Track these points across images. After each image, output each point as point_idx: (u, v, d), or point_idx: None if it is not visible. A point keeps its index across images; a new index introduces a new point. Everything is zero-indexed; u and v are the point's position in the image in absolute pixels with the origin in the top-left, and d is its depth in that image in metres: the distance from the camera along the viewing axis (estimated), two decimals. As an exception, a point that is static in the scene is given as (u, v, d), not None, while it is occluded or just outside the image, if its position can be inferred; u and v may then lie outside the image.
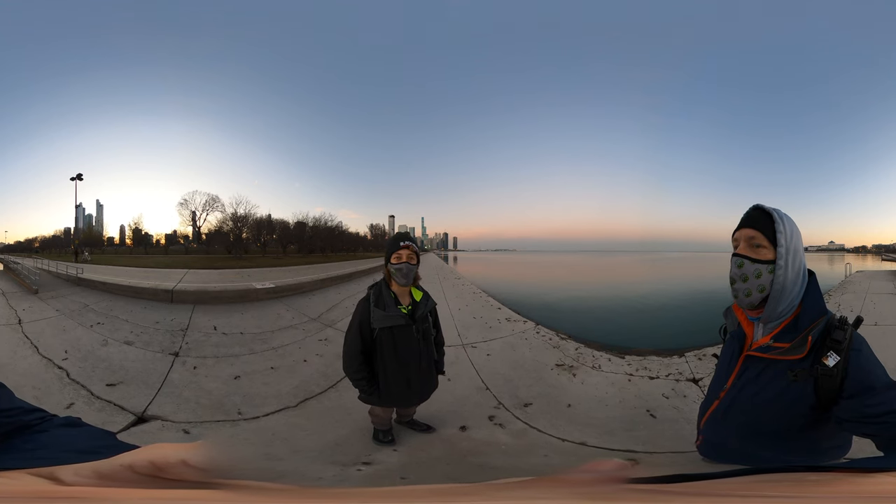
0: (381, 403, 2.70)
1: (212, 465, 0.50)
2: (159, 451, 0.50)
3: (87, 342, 5.32)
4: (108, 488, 0.45)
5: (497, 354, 5.13)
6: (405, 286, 2.60)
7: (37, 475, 0.47)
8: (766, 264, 1.26)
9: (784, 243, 1.25)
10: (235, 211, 43.30)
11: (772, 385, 1.25)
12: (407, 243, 2.54)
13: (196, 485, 0.47)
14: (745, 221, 1.33)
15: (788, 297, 1.26)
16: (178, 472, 0.48)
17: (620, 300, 15.58)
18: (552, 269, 40.73)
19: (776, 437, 1.25)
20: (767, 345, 1.27)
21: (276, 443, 2.97)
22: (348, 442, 2.90)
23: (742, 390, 1.33)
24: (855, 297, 9.72)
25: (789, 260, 1.24)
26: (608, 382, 4.17)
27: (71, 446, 0.63)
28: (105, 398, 3.57)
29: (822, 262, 47.72)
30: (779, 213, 1.28)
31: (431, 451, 2.78)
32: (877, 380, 1.11)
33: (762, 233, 1.27)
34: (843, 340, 1.15)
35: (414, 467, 2.56)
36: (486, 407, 3.55)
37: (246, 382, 4.11)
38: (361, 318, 2.55)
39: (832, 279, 16.64)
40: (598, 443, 2.93)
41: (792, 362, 1.21)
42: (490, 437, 3.06)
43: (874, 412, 1.06)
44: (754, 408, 1.28)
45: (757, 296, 1.28)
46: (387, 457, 2.67)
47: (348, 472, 2.42)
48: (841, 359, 1.13)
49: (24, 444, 0.65)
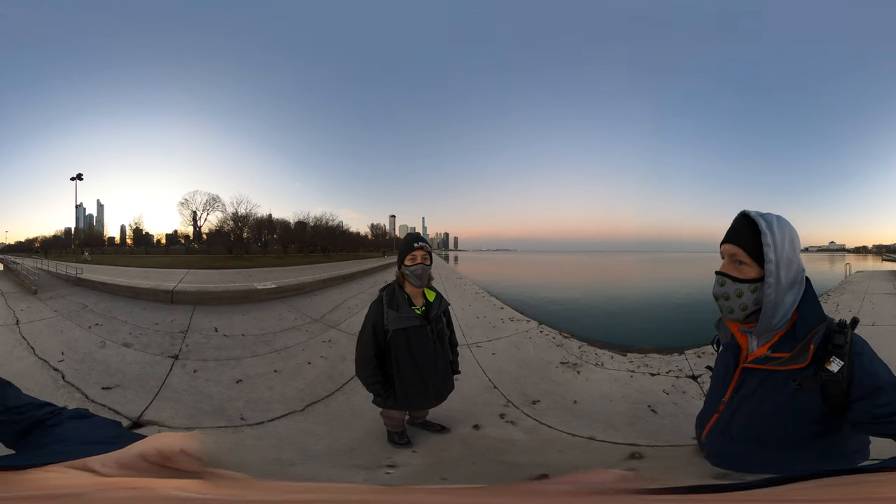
0: (397, 407, 2.65)
1: (207, 454, 0.53)
2: (164, 441, 0.54)
3: (85, 344, 5.21)
4: (136, 478, 0.48)
5: (502, 353, 5.16)
6: (420, 287, 2.56)
7: (71, 468, 0.49)
8: (747, 283, 1.22)
9: (773, 257, 1.18)
10: (236, 211, 43.43)
11: (775, 396, 1.21)
12: (421, 244, 2.51)
13: (193, 474, 0.50)
14: (729, 235, 1.26)
15: (783, 310, 1.21)
16: (178, 462, 0.51)
17: (621, 299, 15.57)
18: (553, 269, 40.77)
19: (786, 447, 1.21)
20: (765, 356, 1.23)
21: (285, 448, 2.88)
22: (363, 445, 2.84)
23: (742, 403, 1.29)
24: (854, 297, 9.77)
25: (781, 274, 1.18)
26: (611, 379, 4.23)
27: (84, 437, 0.64)
28: (100, 402, 3.46)
29: (822, 263, 47.90)
30: (767, 221, 1.20)
31: (451, 451, 2.77)
32: (882, 380, 1.09)
33: (744, 249, 1.21)
34: (845, 344, 1.12)
35: (441, 468, 2.55)
36: (496, 405, 3.56)
37: (248, 386, 4.00)
38: (375, 320, 2.50)
39: (832, 279, 16.71)
40: (605, 437, 2.97)
41: (794, 372, 1.17)
42: (504, 435, 3.06)
43: (886, 412, 1.04)
44: (758, 419, 1.24)
45: (740, 314, 1.25)
46: (409, 458, 2.62)
47: (376, 474, 2.37)
48: (845, 363, 1.10)
49: (42, 439, 0.67)
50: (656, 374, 4.30)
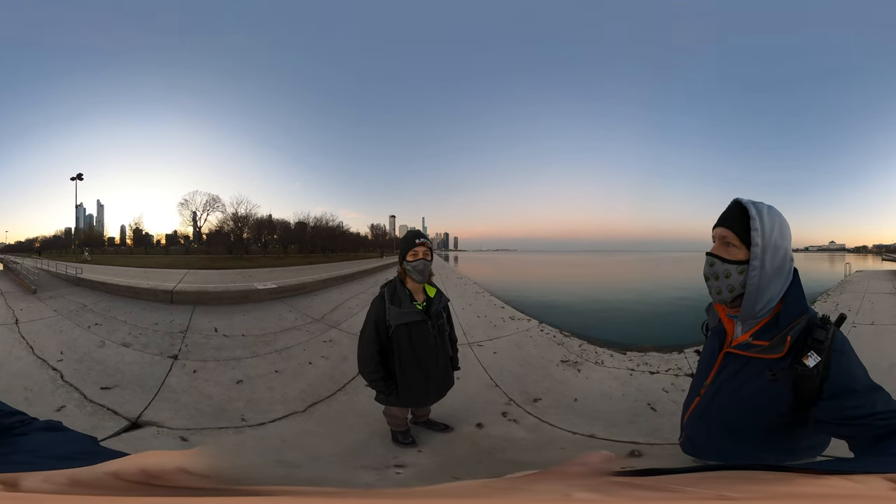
0: (399, 403, 2.68)
1: (214, 472, 0.47)
2: (152, 459, 0.47)
3: (84, 343, 5.18)
4: (79, 496, 0.42)
5: (503, 352, 5.16)
6: (421, 283, 2.60)
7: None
8: (735, 265, 1.23)
9: (760, 242, 1.19)
10: (236, 211, 43.37)
11: (750, 383, 1.22)
12: (422, 240, 2.56)
13: (206, 492, 0.45)
14: (721, 219, 1.29)
15: (766, 296, 1.21)
16: (177, 480, 0.45)
17: (621, 299, 15.54)
18: (553, 269, 40.74)
19: (753, 436, 1.22)
20: (747, 342, 1.24)
21: (288, 450, 2.86)
22: (368, 445, 2.83)
23: (721, 388, 1.31)
24: (854, 296, 9.77)
25: (766, 259, 1.19)
26: (611, 377, 4.25)
27: (49, 451, 0.59)
28: (98, 402, 3.42)
29: (822, 262, 47.95)
30: (757, 208, 1.22)
31: (456, 450, 2.77)
32: (858, 382, 1.08)
33: (734, 231, 1.24)
34: (825, 340, 1.11)
35: (451, 467, 2.54)
36: (498, 403, 3.57)
37: (249, 387, 3.97)
38: (377, 316, 2.54)
39: (832, 279, 16.70)
40: (605, 435, 2.98)
41: (771, 361, 1.17)
42: (508, 433, 3.06)
43: (853, 414, 1.03)
44: (732, 405, 1.26)
45: (727, 294, 1.26)
46: (415, 458, 2.61)
47: (386, 474, 2.36)
48: (822, 359, 1.09)
49: (0, 447, 0.61)
50: (656, 373, 4.33)
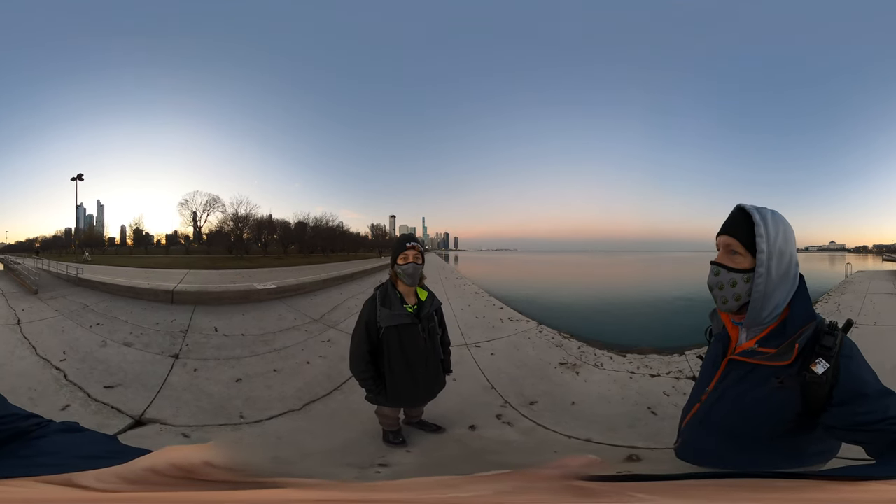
0: (388, 403, 2.71)
1: (236, 465, 0.47)
2: (175, 454, 0.47)
3: (86, 343, 5.25)
4: (147, 493, 0.43)
5: (501, 354, 5.15)
6: (412, 286, 2.63)
7: (48, 482, 0.44)
8: (741, 273, 1.21)
9: (765, 248, 1.17)
10: (236, 211, 43.34)
11: (755, 390, 1.20)
12: (413, 244, 2.59)
13: (239, 485, 0.44)
14: (724, 226, 1.28)
15: (772, 303, 1.20)
16: (206, 474, 0.44)
17: (621, 299, 15.56)
18: (553, 269, 40.70)
19: (756, 443, 1.21)
20: (752, 349, 1.23)
21: (283, 447, 2.92)
22: (359, 444, 2.87)
23: (724, 394, 1.29)
24: (855, 297, 9.76)
25: (772, 265, 1.18)
26: (610, 380, 4.20)
27: (72, 452, 0.59)
28: (102, 400, 3.50)
29: (822, 262, 47.83)
30: (761, 214, 1.21)
31: (445, 451, 2.78)
32: (869, 387, 1.06)
33: (739, 239, 1.22)
34: (833, 346, 1.09)
35: (433, 468, 2.54)
36: (494, 406, 3.56)
37: (248, 385, 4.04)
38: (368, 317, 2.57)
39: (833, 279, 16.63)
40: (602, 439, 2.95)
41: (777, 368, 1.15)
42: (500, 436, 3.06)
43: (867, 420, 1.01)
44: (735, 412, 1.24)
45: (733, 304, 1.24)
46: (402, 458, 2.64)
47: (367, 473, 2.39)
48: (831, 366, 1.08)
49: (22, 450, 0.61)
50: (656, 376, 4.26)
